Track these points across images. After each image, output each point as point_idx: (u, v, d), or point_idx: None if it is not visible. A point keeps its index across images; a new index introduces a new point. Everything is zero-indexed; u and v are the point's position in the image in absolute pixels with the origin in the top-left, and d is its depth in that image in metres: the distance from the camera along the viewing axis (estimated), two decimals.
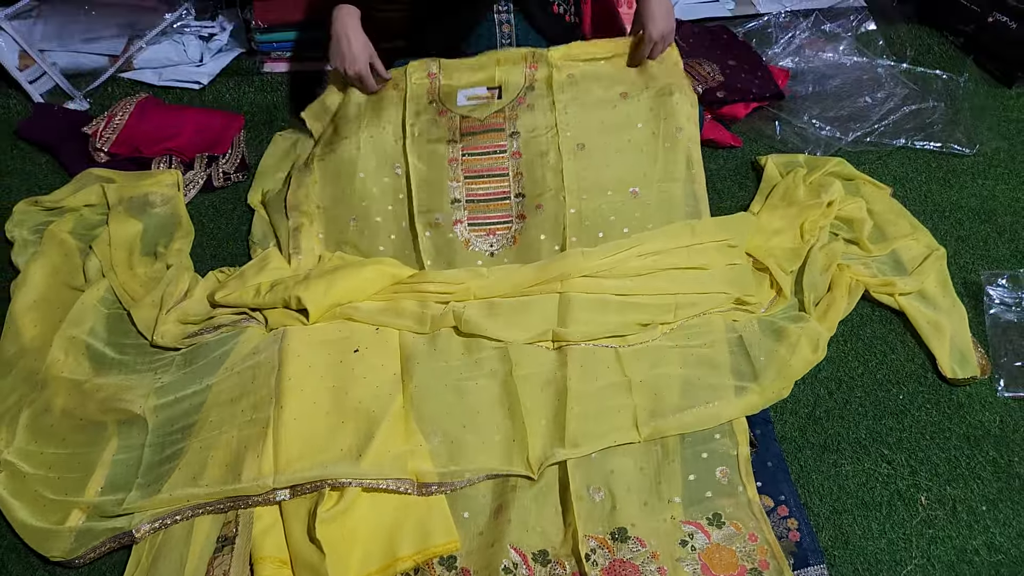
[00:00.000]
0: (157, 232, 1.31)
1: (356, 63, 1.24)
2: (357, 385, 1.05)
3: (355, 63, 1.24)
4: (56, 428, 1.03)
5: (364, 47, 1.25)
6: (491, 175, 1.29)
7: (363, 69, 1.25)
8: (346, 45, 1.24)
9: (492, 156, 1.29)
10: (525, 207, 1.27)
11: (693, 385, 1.08)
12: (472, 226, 1.26)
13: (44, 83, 1.58)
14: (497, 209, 1.28)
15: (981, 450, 1.08)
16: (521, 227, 1.26)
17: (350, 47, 1.24)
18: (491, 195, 1.28)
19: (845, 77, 1.64)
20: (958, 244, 1.37)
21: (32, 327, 1.14)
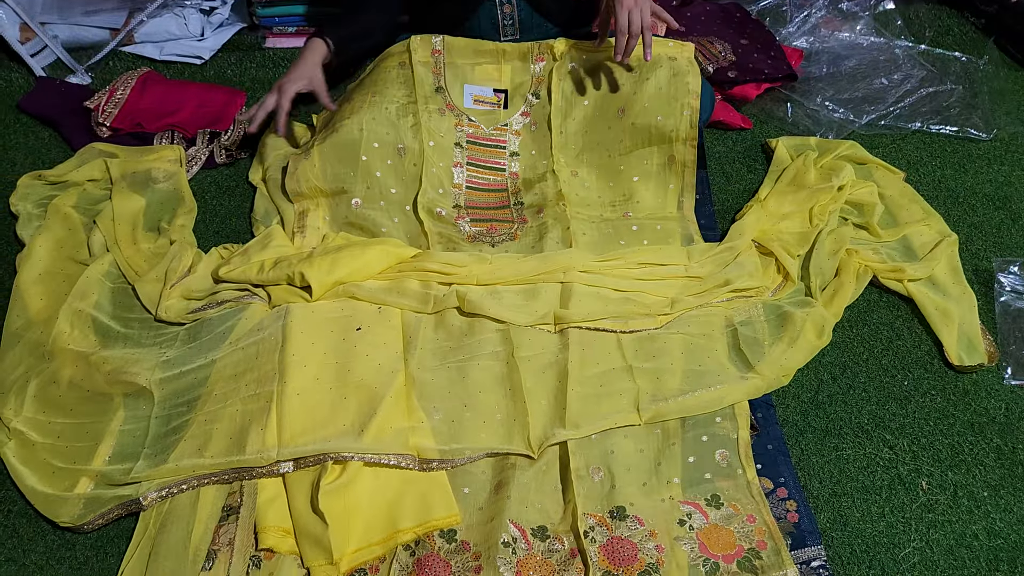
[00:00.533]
0: (160, 208, 1.30)
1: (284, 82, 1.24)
2: (359, 362, 1.06)
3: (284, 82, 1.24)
4: (64, 399, 1.04)
5: (305, 75, 1.25)
6: (491, 189, 1.34)
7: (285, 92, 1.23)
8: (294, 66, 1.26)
9: (493, 172, 1.34)
10: (526, 212, 1.31)
11: (694, 371, 1.08)
12: (474, 221, 1.29)
13: (46, 56, 1.57)
14: (499, 217, 1.31)
15: (985, 437, 1.07)
16: (523, 228, 1.28)
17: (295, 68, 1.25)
18: (492, 204, 1.33)
19: (861, 58, 1.60)
20: (971, 231, 1.35)
21: (38, 300, 1.15)
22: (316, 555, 0.89)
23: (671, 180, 1.33)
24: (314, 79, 1.25)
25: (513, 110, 1.35)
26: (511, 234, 1.28)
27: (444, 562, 0.91)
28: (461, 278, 1.17)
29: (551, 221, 1.27)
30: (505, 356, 1.09)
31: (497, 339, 1.11)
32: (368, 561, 0.91)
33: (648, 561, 0.91)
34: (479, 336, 1.11)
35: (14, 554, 0.94)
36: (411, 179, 1.27)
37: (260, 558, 0.91)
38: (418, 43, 1.31)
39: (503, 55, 1.32)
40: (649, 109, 1.29)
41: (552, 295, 1.16)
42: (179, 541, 0.91)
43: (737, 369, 1.09)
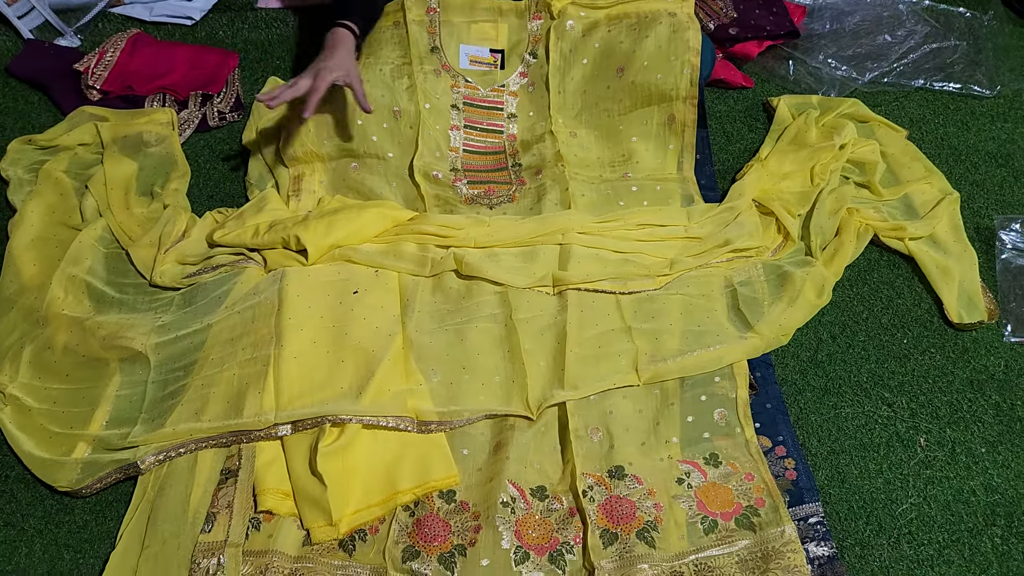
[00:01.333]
0: (153, 172, 1.29)
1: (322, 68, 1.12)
2: (357, 325, 1.05)
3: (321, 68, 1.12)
4: (59, 364, 1.04)
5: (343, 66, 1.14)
6: (489, 152, 1.32)
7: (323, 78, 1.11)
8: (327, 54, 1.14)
9: (490, 134, 1.32)
10: (524, 174, 1.29)
11: (693, 331, 1.07)
12: (472, 184, 1.27)
13: (33, 19, 1.54)
14: (497, 179, 1.29)
15: (984, 394, 1.07)
16: (521, 189, 1.26)
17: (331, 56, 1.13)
18: (489, 167, 1.30)
19: (864, 14, 1.57)
20: (973, 188, 1.33)
21: (31, 265, 1.14)
22: (315, 516, 0.90)
23: (671, 140, 1.31)
24: (351, 73, 1.15)
25: (510, 70, 1.32)
26: (509, 196, 1.26)
27: (443, 522, 0.91)
28: (458, 241, 1.15)
29: (549, 183, 1.25)
30: (503, 318, 1.08)
31: (495, 301, 1.10)
32: (368, 522, 0.92)
33: (646, 519, 0.92)
34: (477, 299, 1.10)
35: (12, 519, 0.94)
36: (407, 142, 1.25)
37: (259, 520, 0.91)
38: (411, 2, 1.28)
39: (499, 13, 1.29)
40: (649, 67, 1.26)
41: (551, 257, 1.15)
42: (178, 504, 0.91)
43: (736, 329, 1.08)
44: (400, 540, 0.90)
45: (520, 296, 1.10)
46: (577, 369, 1.03)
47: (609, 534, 0.90)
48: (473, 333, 1.07)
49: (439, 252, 1.15)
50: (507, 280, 1.11)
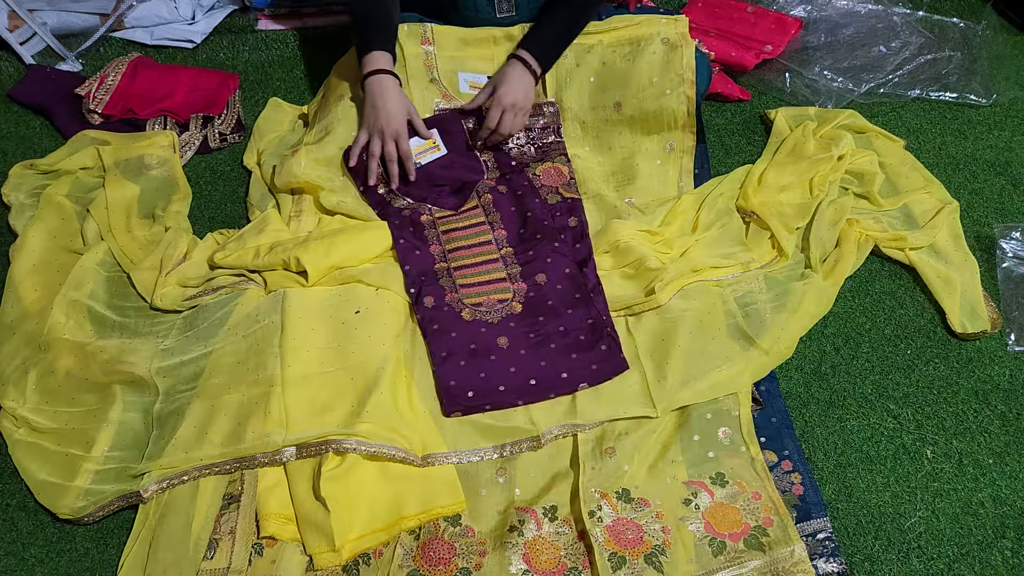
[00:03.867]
0: (154, 195, 1.29)
1: (392, 120, 1.17)
2: (359, 346, 1.05)
3: (391, 120, 1.17)
4: (62, 389, 1.04)
5: (403, 109, 1.18)
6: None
7: (402, 136, 1.18)
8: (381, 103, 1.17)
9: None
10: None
11: (700, 353, 1.06)
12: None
13: (35, 44, 1.55)
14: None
15: (989, 404, 1.07)
16: None
17: (385, 104, 1.17)
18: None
19: (859, 26, 1.58)
20: (972, 197, 1.34)
21: (32, 291, 1.14)
22: (318, 542, 0.89)
23: (670, 167, 1.32)
24: (411, 110, 1.21)
25: None
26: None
27: (448, 544, 0.90)
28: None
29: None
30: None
31: None
32: (371, 547, 0.90)
33: (654, 543, 0.90)
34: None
35: (13, 548, 0.93)
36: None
37: (262, 546, 0.90)
38: (406, 35, 1.28)
39: (493, 42, 1.30)
40: (645, 100, 1.28)
41: None
42: (180, 531, 0.90)
43: (740, 346, 1.08)
44: (405, 564, 0.89)
45: None
46: (590, 399, 1.02)
47: (617, 557, 0.89)
48: None
49: None
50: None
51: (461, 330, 1.08)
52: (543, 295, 1.12)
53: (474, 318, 1.10)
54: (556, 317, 1.09)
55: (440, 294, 1.11)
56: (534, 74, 1.23)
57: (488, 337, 1.07)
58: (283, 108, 1.45)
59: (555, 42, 1.25)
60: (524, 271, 1.15)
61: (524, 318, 1.10)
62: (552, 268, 1.14)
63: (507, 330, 1.08)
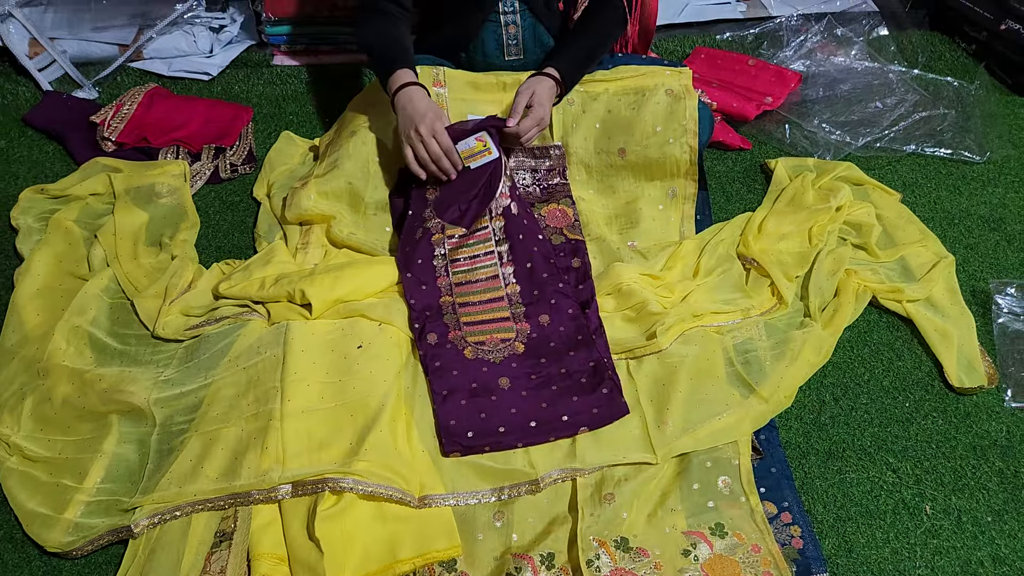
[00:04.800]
0: (163, 223, 1.30)
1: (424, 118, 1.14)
2: (360, 381, 1.05)
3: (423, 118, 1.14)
4: (59, 417, 1.03)
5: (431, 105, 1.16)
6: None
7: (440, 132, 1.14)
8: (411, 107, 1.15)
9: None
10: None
11: (700, 400, 1.07)
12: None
13: (54, 71, 1.58)
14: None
15: (987, 460, 1.07)
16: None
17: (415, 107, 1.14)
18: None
19: (856, 82, 1.63)
20: (967, 252, 1.36)
21: (35, 315, 1.14)
22: None
23: (672, 212, 1.35)
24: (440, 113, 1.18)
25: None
26: None
27: None
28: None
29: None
30: None
31: None
32: None
33: None
34: None
35: None
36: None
37: None
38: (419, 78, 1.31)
39: (503, 88, 1.32)
40: (649, 148, 1.32)
41: None
42: (168, 569, 0.88)
43: (740, 393, 1.08)
44: None
45: None
46: (590, 443, 1.02)
47: None
48: None
49: None
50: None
51: (463, 368, 1.08)
52: (546, 336, 1.12)
53: (476, 356, 1.10)
54: (558, 359, 1.10)
55: (444, 331, 1.12)
56: (559, 94, 1.26)
57: (490, 376, 1.07)
58: (295, 141, 1.48)
59: (577, 67, 1.27)
60: (528, 311, 1.15)
61: (526, 359, 1.10)
62: (555, 310, 1.15)
63: (509, 370, 1.09)
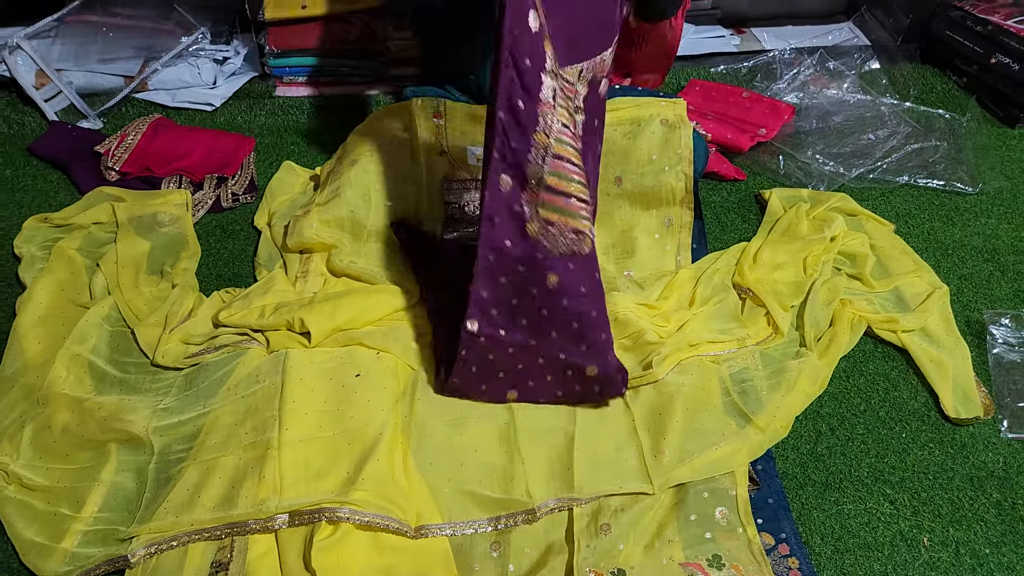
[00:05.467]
0: (164, 251, 1.31)
1: None
2: (358, 410, 1.05)
3: None
4: (58, 445, 1.03)
5: None
6: None
7: None
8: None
9: None
10: None
11: (697, 430, 1.07)
12: None
13: (59, 101, 1.61)
14: None
15: (984, 492, 1.07)
16: None
17: None
18: None
19: (848, 114, 1.66)
20: (961, 282, 1.37)
21: (36, 343, 1.14)
22: None
23: (668, 241, 1.37)
24: None
25: None
26: None
27: None
28: None
29: None
30: (504, 414, 1.08)
31: None
32: None
33: None
34: None
35: None
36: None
37: None
38: (420, 109, 1.34)
39: None
40: (645, 176, 1.33)
41: None
42: None
43: (736, 423, 1.09)
44: None
45: None
46: (587, 472, 1.02)
47: None
48: (472, 427, 1.06)
49: None
50: None
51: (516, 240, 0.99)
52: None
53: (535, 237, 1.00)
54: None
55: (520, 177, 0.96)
56: None
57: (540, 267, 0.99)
58: (296, 171, 1.50)
59: None
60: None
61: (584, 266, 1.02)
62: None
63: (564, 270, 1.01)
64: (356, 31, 1.64)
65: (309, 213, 1.28)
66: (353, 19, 1.63)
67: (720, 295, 1.28)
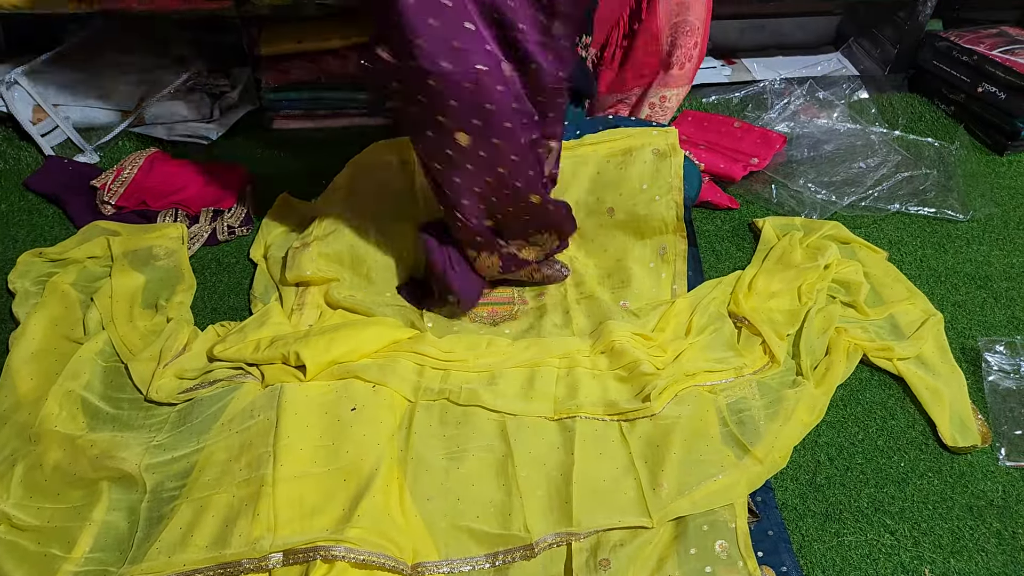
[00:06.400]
0: (159, 285, 1.31)
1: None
2: (353, 445, 1.04)
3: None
4: (49, 484, 1.02)
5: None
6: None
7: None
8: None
9: None
10: (527, 294, 1.34)
11: (695, 461, 1.06)
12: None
13: (56, 136, 1.62)
14: (499, 300, 1.33)
15: (984, 521, 1.06)
16: (523, 308, 1.30)
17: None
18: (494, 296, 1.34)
19: (839, 143, 1.68)
20: (955, 310, 1.38)
21: (28, 380, 1.13)
22: None
23: (663, 270, 1.37)
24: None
25: None
26: (512, 315, 1.29)
27: None
28: (456, 365, 1.17)
29: (550, 304, 1.29)
30: (501, 447, 1.07)
31: (493, 428, 1.10)
32: None
33: None
34: (474, 424, 1.10)
35: None
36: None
37: None
38: None
39: None
40: (637, 206, 1.35)
41: (550, 381, 1.16)
42: None
43: (735, 454, 1.08)
44: None
45: (519, 423, 1.10)
46: (585, 506, 1.01)
47: None
48: (469, 461, 1.06)
49: (434, 377, 1.16)
50: (505, 408, 1.12)
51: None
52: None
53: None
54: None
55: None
56: None
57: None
58: (292, 204, 1.51)
59: None
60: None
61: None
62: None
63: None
64: (352, 64, 1.66)
65: (309, 247, 1.28)
66: (349, 53, 1.65)
67: (716, 324, 1.28)
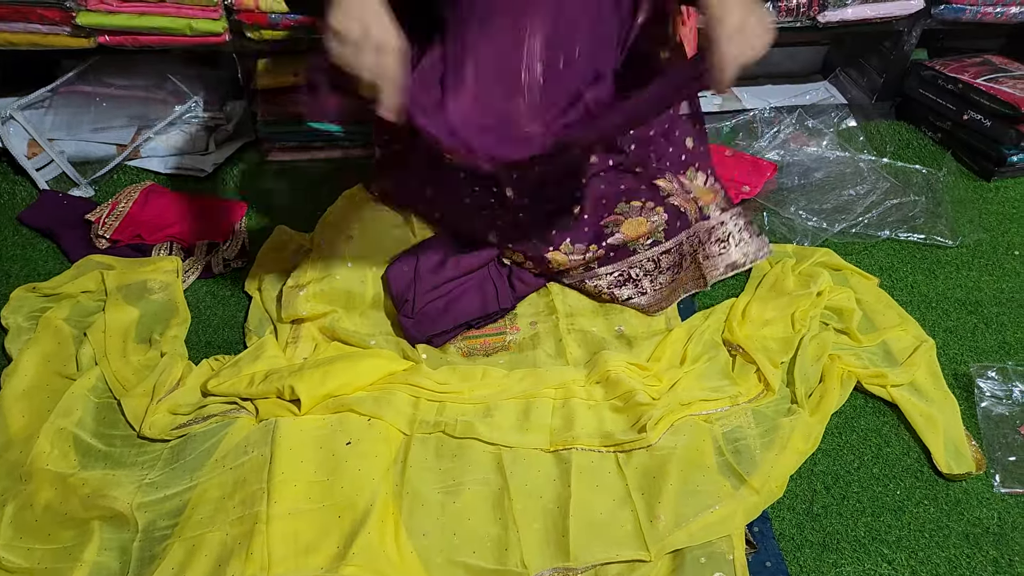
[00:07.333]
0: (153, 319, 1.31)
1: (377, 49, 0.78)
2: (348, 479, 1.04)
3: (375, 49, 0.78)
4: (40, 524, 1.01)
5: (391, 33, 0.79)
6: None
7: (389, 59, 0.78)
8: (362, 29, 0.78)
9: None
10: (519, 322, 1.33)
11: (691, 492, 1.06)
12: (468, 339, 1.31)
13: (51, 170, 1.62)
14: (491, 332, 1.33)
15: (981, 549, 1.06)
16: (516, 337, 1.30)
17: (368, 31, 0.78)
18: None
19: (829, 171, 1.70)
20: (946, 335, 1.39)
21: (20, 417, 1.13)
22: None
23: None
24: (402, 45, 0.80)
25: None
26: (504, 345, 1.30)
27: None
28: (451, 397, 1.17)
29: (543, 333, 1.30)
30: (497, 479, 1.07)
31: (488, 461, 1.10)
32: None
33: None
34: (470, 457, 1.10)
35: None
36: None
37: None
38: None
39: None
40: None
41: (545, 413, 1.16)
42: None
43: (731, 484, 1.08)
44: None
45: (515, 455, 1.10)
46: (582, 539, 1.00)
47: None
48: (465, 494, 1.05)
49: (430, 409, 1.16)
50: (501, 440, 1.12)
51: None
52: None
53: None
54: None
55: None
56: None
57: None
58: (288, 236, 1.51)
59: None
60: None
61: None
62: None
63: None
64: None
65: (304, 289, 1.29)
66: None
67: (711, 352, 1.29)
